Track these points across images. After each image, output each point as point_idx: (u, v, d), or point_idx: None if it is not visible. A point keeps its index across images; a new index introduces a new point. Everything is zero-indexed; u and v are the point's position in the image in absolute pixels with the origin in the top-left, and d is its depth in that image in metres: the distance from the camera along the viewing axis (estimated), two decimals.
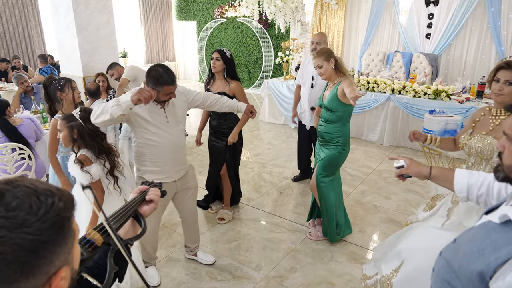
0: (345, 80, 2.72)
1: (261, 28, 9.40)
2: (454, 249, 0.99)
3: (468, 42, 6.55)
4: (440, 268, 1.02)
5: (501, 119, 1.92)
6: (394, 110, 5.55)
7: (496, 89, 1.90)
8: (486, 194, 1.24)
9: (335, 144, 2.88)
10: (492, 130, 1.92)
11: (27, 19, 8.71)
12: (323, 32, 4.25)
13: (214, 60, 3.16)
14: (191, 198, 2.74)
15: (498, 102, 1.94)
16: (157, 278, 2.72)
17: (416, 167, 1.47)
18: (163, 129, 2.38)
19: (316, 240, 3.19)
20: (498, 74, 1.88)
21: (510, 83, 1.84)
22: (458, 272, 0.90)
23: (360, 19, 7.79)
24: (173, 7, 11.47)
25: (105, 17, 5.77)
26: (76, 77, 5.77)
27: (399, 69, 6.79)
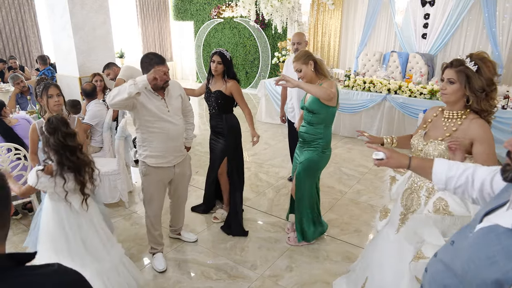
0: (326, 82, 2.70)
1: (258, 28, 9.41)
2: (453, 252, 0.95)
3: (464, 42, 6.59)
4: (437, 272, 0.99)
5: (457, 125, 1.81)
6: (390, 110, 5.58)
7: (441, 88, 1.85)
8: (464, 185, 1.24)
9: (315, 146, 2.82)
10: (450, 137, 1.81)
11: (24, 19, 8.69)
12: (301, 32, 4.25)
13: (215, 64, 3.16)
14: (184, 184, 2.99)
15: (444, 101, 1.87)
16: (163, 264, 2.84)
17: (396, 160, 1.44)
18: (164, 118, 2.55)
19: (295, 245, 3.11)
20: (444, 73, 1.83)
21: (451, 81, 1.78)
22: (463, 278, 0.87)
23: (357, 19, 7.81)
24: (170, 7, 11.47)
25: (102, 17, 5.77)
26: (73, 77, 5.77)
27: (395, 69, 6.82)
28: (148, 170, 2.67)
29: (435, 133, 1.89)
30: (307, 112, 2.81)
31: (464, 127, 1.79)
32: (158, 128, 2.55)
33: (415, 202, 1.92)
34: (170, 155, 2.68)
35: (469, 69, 1.73)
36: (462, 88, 1.76)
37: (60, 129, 2.13)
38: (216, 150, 3.41)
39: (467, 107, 1.81)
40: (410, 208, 1.95)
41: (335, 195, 4.08)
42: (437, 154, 1.83)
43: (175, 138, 2.66)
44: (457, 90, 1.77)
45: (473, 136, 1.76)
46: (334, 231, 3.36)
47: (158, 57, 2.49)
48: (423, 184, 1.91)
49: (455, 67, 1.77)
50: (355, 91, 5.82)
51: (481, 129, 1.75)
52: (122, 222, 3.56)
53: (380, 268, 2.06)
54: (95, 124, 4.04)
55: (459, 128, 1.81)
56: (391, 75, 6.37)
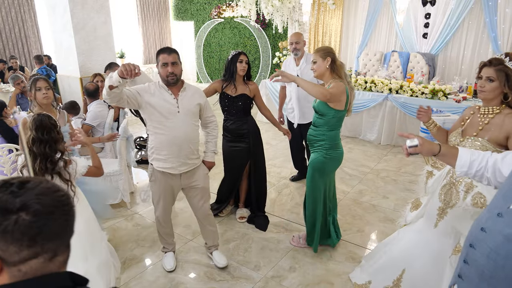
0: (335, 83, 2.63)
1: (258, 28, 9.40)
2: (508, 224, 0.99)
3: (464, 41, 6.58)
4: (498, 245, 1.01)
5: (489, 118, 1.90)
6: (391, 110, 5.57)
7: (479, 85, 1.92)
8: (483, 169, 1.36)
9: (319, 147, 2.76)
10: (482, 130, 1.90)
11: (24, 19, 8.68)
12: (299, 32, 4.24)
13: (244, 64, 3.10)
14: (198, 198, 2.73)
15: (482, 99, 1.95)
16: (172, 264, 2.82)
17: (429, 145, 1.51)
18: (170, 119, 2.43)
19: (297, 246, 3.10)
20: (482, 71, 1.89)
21: (491, 79, 1.84)
22: None
23: (358, 19, 7.80)
24: (170, 7, 11.46)
25: (102, 17, 5.76)
26: (73, 77, 5.76)
27: (396, 68, 6.81)
28: (153, 174, 2.61)
29: (472, 130, 1.97)
30: (315, 113, 2.78)
31: (498, 121, 1.87)
32: (163, 129, 2.44)
33: (454, 197, 1.99)
34: (175, 161, 2.51)
35: (509, 67, 1.80)
36: (501, 86, 1.83)
37: (31, 132, 2.11)
38: (240, 154, 3.33)
39: (504, 103, 1.89)
40: (449, 203, 2.01)
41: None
42: (475, 148, 1.88)
43: (181, 143, 2.48)
44: (496, 88, 1.85)
45: (509, 130, 1.82)
46: None
47: (166, 48, 2.44)
48: (462, 180, 1.97)
49: (494, 66, 1.84)
50: (357, 91, 5.80)
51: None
52: (124, 223, 3.55)
53: (421, 261, 2.10)
54: (96, 125, 4.02)
55: (491, 122, 1.88)
56: (392, 75, 6.36)
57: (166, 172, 2.56)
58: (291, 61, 3.99)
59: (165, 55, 2.37)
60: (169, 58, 2.37)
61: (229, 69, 3.16)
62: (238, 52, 3.13)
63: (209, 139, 2.76)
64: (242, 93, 3.18)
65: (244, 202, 3.64)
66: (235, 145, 3.32)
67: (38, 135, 2.10)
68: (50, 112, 2.87)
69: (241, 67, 3.10)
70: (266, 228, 3.41)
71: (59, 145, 2.18)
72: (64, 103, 4.16)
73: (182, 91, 2.50)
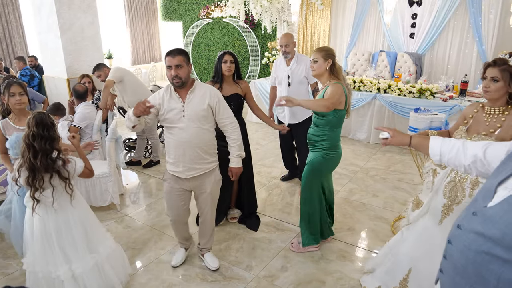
0: (333, 85, 2.64)
1: (247, 28, 9.40)
2: (484, 222, 1.04)
3: (450, 41, 6.69)
4: (470, 241, 1.06)
5: (501, 121, 1.91)
6: (380, 109, 5.62)
7: (484, 86, 1.94)
8: (456, 156, 1.43)
9: (320, 147, 2.77)
10: (493, 132, 1.91)
11: (8, 20, 8.51)
12: (289, 32, 4.26)
13: (228, 63, 3.07)
14: (204, 204, 2.70)
15: (488, 99, 1.96)
16: (177, 260, 2.88)
17: (399, 138, 1.62)
18: (175, 123, 2.44)
19: (298, 252, 3.04)
20: (487, 71, 1.92)
21: (496, 80, 1.86)
22: (502, 241, 0.97)
23: (346, 19, 7.87)
24: (158, 8, 11.38)
25: (90, 18, 5.69)
26: (60, 78, 5.68)
27: (384, 68, 6.89)
28: (166, 175, 2.66)
29: (478, 128, 1.98)
30: (315, 114, 2.77)
31: (509, 123, 1.88)
32: (172, 133, 2.48)
33: (459, 194, 2.00)
34: (182, 165, 2.50)
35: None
36: (506, 85, 1.85)
37: (32, 128, 2.13)
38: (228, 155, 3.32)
39: (509, 103, 1.91)
40: (455, 200, 2.02)
41: None
42: None
43: (186, 148, 2.46)
44: (501, 88, 1.87)
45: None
46: None
47: (173, 49, 2.40)
48: (467, 177, 2.00)
49: (498, 66, 1.86)
50: None
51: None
52: (114, 225, 3.51)
53: (427, 259, 2.09)
54: (84, 127, 3.97)
55: (504, 124, 1.90)
56: (380, 75, 6.44)
57: (174, 175, 2.59)
58: (281, 61, 4.00)
59: (170, 57, 2.35)
60: (173, 60, 2.34)
61: (216, 70, 3.14)
62: (222, 53, 3.12)
63: (231, 144, 2.63)
64: (234, 93, 3.17)
65: (235, 203, 3.63)
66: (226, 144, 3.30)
67: (39, 131, 2.12)
68: (23, 118, 2.74)
69: (226, 67, 3.07)
70: (257, 228, 3.41)
71: (56, 144, 2.21)
72: (48, 106, 4.09)
73: (191, 93, 2.43)
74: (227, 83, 3.16)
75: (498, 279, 0.98)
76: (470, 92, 5.37)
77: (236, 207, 3.64)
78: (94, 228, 2.48)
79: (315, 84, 4.01)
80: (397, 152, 5.39)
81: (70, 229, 2.30)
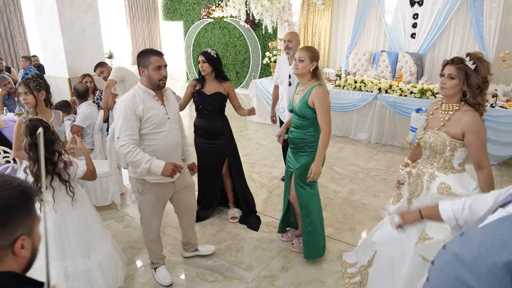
0: (318, 90, 2.55)
1: (248, 28, 9.40)
2: (463, 242, 1.00)
3: (452, 41, 6.68)
4: (445, 263, 1.03)
5: (449, 115, 1.99)
6: (381, 109, 5.62)
7: (441, 82, 2.00)
8: (470, 214, 1.33)
9: (309, 150, 2.67)
10: (444, 126, 2.01)
11: (9, 20, 8.52)
12: (294, 31, 4.28)
13: (201, 63, 3.17)
14: (190, 196, 2.75)
15: (443, 95, 2.04)
16: (169, 278, 2.69)
17: (410, 216, 1.62)
18: (161, 127, 2.34)
19: (299, 252, 3.00)
20: (444, 69, 1.98)
21: (452, 77, 1.92)
22: (472, 265, 0.92)
23: (347, 19, 7.86)
24: (159, 7, 11.38)
25: (91, 17, 5.69)
26: (61, 78, 5.68)
27: (385, 68, 6.88)
28: (146, 188, 2.43)
29: (433, 124, 2.09)
30: (296, 116, 2.69)
31: (457, 118, 1.97)
32: (159, 139, 2.33)
33: (418, 187, 2.12)
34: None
35: (468, 67, 1.89)
36: (461, 83, 1.92)
37: (26, 137, 2.13)
38: (215, 152, 3.34)
39: (463, 101, 1.98)
40: (415, 193, 2.15)
41: (328, 194, 4.10)
42: (432, 140, 2.03)
43: (175, 149, 2.46)
44: (456, 85, 1.93)
45: (464, 127, 1.93)
46: (329, 230, 3.36)
47: (154, 50, 2.33)
48: (426, 170, 2.12)
49: (455, 64, 1.92)
50: (346, 91, 5.85)
51: (472, 120, 1.92)
52: (115, 225, 3.52)
53: (389, 245, 2.28)
54: (86, 126, 3.98)
55: (452, 118, 1.99)
56: (381, 75, 6.42)
57: (159, 183, 2.43)
58: (284, 60, 3.99)
59: (158, 57, 2.28)
60: (162, 61, 2.30)
61: (199, 70, 3.25)
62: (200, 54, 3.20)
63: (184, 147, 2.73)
64: (216, 91, 3.21)
65: (234, 202, 3.64)
66: (211, 142, 3.32)
67: (33, 140, 2.10)
68: (44, 113, 2.88)
69: (200, 67, 3.17)
70: (258, 228, 3.41)
71: (56, 146, 2.18)
72: (56, 103, 4.10)
73: (165, 95, 2.42)
74: (209, 82, 3.23)
75: None
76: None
77: (235, 207, 3.64)
78: (92, 233, 2.41)
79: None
80: (398, 152, 5.38)
81: (67, 230, 2.28)
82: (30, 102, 2.84)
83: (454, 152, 2.01)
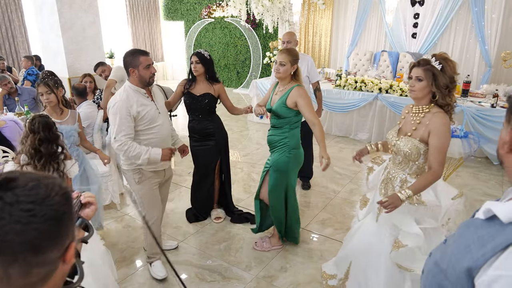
0: (298, 90, 2.64)
1: (249, 28, 9.40)
2: (442, 250, 0.99)
3: (453, 41, 6.66)
4: (428, 271, 1.02)
5: (420, 117, 1.96)
6: (381, 109, 5.61)
7: (409, 85, 1.98)
8: None
9: (282, 147, 2.75)
10: (416, 130, 1.97)
11: (11, 19, 8.54)
12: (292, 31, 4.29)
13: (194, 64, 3.17)
14: (167, 188, 2.95)
15: (413, 98, 2.01)
16: (164, 271, 2.75)
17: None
18: (157, 122, 2.51)
19: (262, 251, 3.05)
20: (412, 71, 1.96)
21: (420, 79, 1.91)
22: (446, 272, 0.90)
23: (347, 19, 7.85)
24: (160, 7, 11.39)
25: (91, 17, 5.70)
26: (62, 78, 5.68)
27: (386, 68, 6.87)
28: (143, 177, 2.57)
29: (406, 129, 2.05)
30: (273, 115, 2.77)
31: (426, 119, 1.94)
32: (153, 133, 2.50)
33: (390, 192, 2.07)
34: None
35: (435, 67, 1.88)
36: (429, 85, 1.90)
37: (39, 133, 2.19)
38: (207, 153, 3.34)
39: (432, 102, 1.96)
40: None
41: (328, 194, 4.09)
42: (407, 149, 1.97)
43: (167, 140, 2.65)
44: (425, 87, 1.92)
45: (431, 128, 1.91)
46: (328, 230, 3.36)
47: (142, 50, 2.47)
48: (397, 175, 2.08)
49: (422, 66, 1.91)
50: (347, 91, 5.84)
51: (440, 122, 1.90)
52: (114, 225, 3.52)
53: (364, 253, 2.22)
54: (86, 126, 3.97)
55: (422, 121, 1.96)
56: (382, 75, 6.41)
57: (155, 170, 2.61)
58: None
59: (146, 57, 2.43)
60: (150, 59, 2.46)
61: (190, 70, 3.26)
62: (192, 54, 3.21)
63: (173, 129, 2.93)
64: (206, 92, 3.21)
65: (217, 202, 3.62)
66: (204, 143, 3.33)
67: (45, 134, 2.20)
68: (58, 113, 2.95)
69: (192, 67, 3.17)
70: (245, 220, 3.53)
71: (59, 141, 2.30)
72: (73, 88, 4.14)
73: (152, 91, 2.56)
74: (199, 83, 3.23)
75: None
76: (473, 92, 5.35)
77: (218, 207, 3.65)
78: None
79: (316, 83, 4.00)
80: None
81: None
82: (53, 101, 2.89)
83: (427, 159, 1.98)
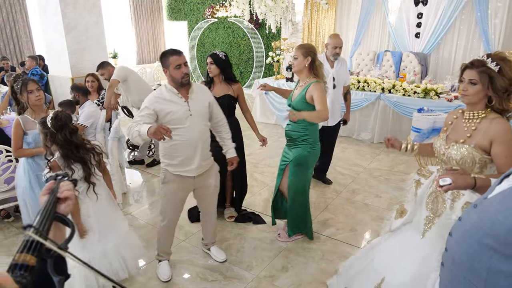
0: (315, 85, 2.70)
1: (252, 28, 9.40)
2: (478, 212, 1.05)
3: (456, 41, 6.63)
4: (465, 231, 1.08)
5: (476, 123, 1.79)
6: (384, 109, 5.59)
7: (462, 89, 1.79)
8: None
9: (303, 143, 2.84)
10: (470, 137, 1.78)
11: (15, 20, 8.59)
12: (338, 33, 4.33)
13: (209, 65, 3.17)
14: (211, 196, 2.79)
15: (466, 103, 1.83)
16: (168, 274, 2.73)
17: (463, 181, 1.42)
18: (182, 123, 2.41)
19: (286, 241, 3.15)
20: (464, 74, 1.78)
21: (474, 82, 1.72)
22: (491, 230, 0.97)
23: (350, 19, 7.83)
24: (163, 7, 11.41)
25: (94, 17, 5.73)
26: (65, 78, 5.72)
27: (389, 68, 6.84)
28: (167, 178, 2.56)
29: (456, 136, 1.86)
30: (293, 110, 2.81)
31: (484, 126, 1.75)
32: (179, 135, 2.40)
33: (440, 206, 1.88)
34: (191, 164, 2.51)
35: (491, 69, 1.68)
36: (485, 89, 1.71)
37: (68, 126, 2.30)
38: (222, 155, 3.32)
39: (488, 107, 1.77)
40: (436, 212, 1.90)
41: (330, 194, 4.09)
42: (460, 157, 1.79)
43: (196, 146, 2.49)
44: (480, 91, 1.73)
45: (493, 136, 1.72)
46: (330, 230, 3.36)
47: (174, 49, 2.42)
48: None
49: (476, 68, 1.72)
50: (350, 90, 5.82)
51: (503, 128, 1.71)
52: None
53: (402, 270, 1.95)
54: (89, 125, 3.99)
55: (478, 127, 1.77)
56: (385, 74, 6.39)
57: (179, 175, 2.54)
58: (323, 62, 3.85)
59: (177, 57, 2.37)
60: (181, 59, 2.39)
61: (207, 72, 3.25)
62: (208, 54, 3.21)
63: (227, 137, 2.77)
64: (225, 94, 3.20)
65: (230, 202, 3.64)
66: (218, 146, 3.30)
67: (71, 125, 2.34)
68: (41, 113, 2.89)
69: (208, 68, 3.17)
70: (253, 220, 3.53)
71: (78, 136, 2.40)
72: (61, 101, 4.13)
73: (191, 92, 2.47)
74: (217, 84, 3.22)
75: (487, 270, 0.99)
76: None
77: (231, 206, 3.65)
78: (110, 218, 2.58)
79: (347, 86, 4.09)
80: (401, 153, 5.32)
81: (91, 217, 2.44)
82: (42, 97, 2.91)
83: (483, 169, 1.78)
